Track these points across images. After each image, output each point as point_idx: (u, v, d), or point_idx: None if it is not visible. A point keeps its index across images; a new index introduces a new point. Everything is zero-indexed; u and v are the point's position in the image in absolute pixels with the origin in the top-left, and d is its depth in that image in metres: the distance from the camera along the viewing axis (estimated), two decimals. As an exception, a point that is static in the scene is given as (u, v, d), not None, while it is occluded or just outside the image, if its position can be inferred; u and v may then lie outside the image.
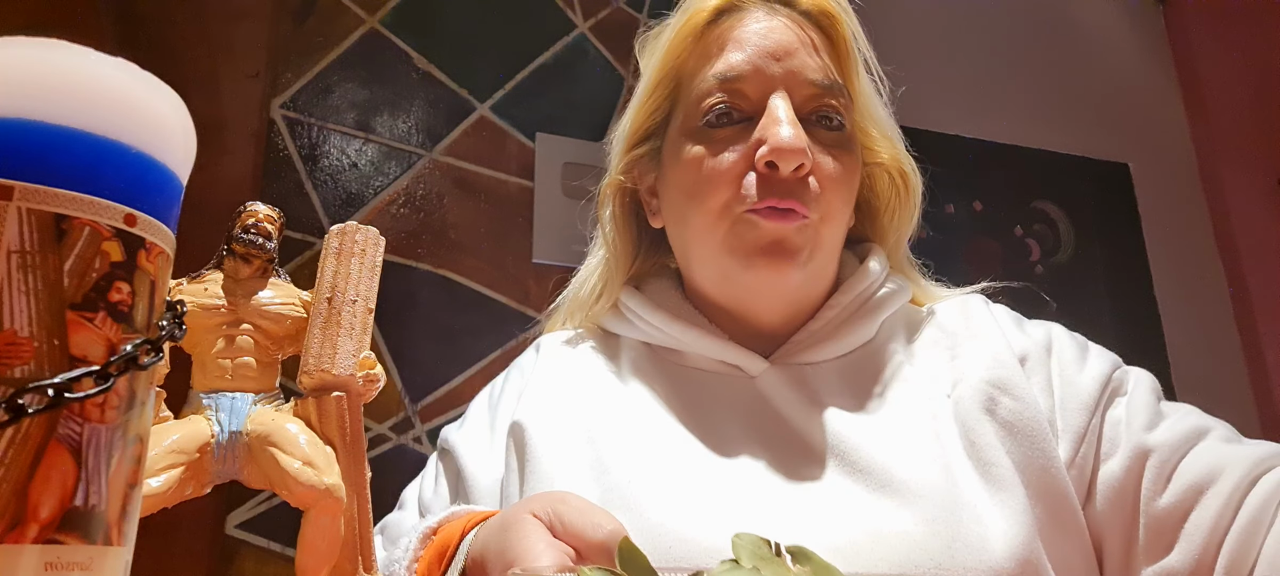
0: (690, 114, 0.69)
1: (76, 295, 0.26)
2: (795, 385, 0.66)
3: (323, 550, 0.38)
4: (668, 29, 0.73)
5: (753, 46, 0.67)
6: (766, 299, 0.68)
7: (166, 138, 0.29)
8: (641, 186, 0.76)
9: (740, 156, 0.65)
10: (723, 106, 0.66)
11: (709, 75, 0.67)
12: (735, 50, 0.67)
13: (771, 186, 0.63)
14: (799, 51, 0.67)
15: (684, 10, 0.72)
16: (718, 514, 0.58)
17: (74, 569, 0.25)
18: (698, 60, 0.70)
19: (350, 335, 0.41)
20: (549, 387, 0.71)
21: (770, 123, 0.64)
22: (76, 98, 0.26)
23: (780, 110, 0.64)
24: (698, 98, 0.68)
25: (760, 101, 0.66)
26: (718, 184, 0.65)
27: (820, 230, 0.65)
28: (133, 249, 0.27)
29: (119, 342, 0.27)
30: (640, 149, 0.74)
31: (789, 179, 0.63)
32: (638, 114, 0.74)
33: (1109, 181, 2.11)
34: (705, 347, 0.69)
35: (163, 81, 0.29)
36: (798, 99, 0.65)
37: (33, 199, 0.25)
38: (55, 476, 0.25)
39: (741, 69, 0.66)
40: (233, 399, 0.40)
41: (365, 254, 0.43)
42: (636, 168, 0.75)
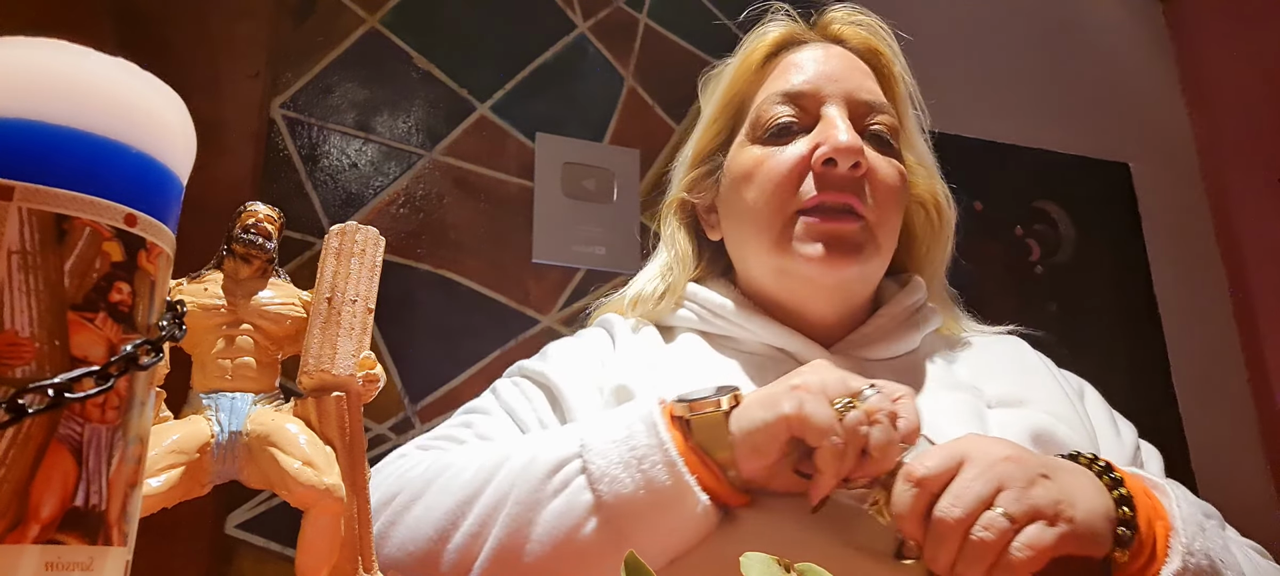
0: (753, 128, 0.75)
1: (77, 295, 0.26)
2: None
3: (323, 550, 0.38)
4: (730, 64, 0.81)
5: (811, 70, 0.74)
6: (820, 292, 0.73)
7: (166, 138, 0.29)
8: (701, 203, 0.82)
9: (799, 158, 0.71)
10: (786, 118, 0.72)
11: (771, 92, 0.74)
12: (796, 73, 0.75)
13: (828, 183, 0.69)
14: (854, 76, 0.74)
15: (746, 45, 0.80)
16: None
17: (74, 569, 0.25)
18: (757, 87, 0.77)
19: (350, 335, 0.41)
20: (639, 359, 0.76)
21: (827, 126, 0.70)
22: (76, 98, 0.26)
23: (837, 117, 0.70)
24: (760, 114, 0.74)
25: (818, 114, 0.72)
26: (777, 182, 0.71)
27: (877, 232, 0.71)
28: (133, 249, 0.27)
29: (119, 343, 0.27)
30: (701, 169, 0.81)
31: (845, 177, 0.69)
32: (701, 138, 0.82)
33: (1109, 181, 2.11)
34: (766, 334, 0.73)
35: (163, 81, 0.29)
36: (853, 115, 0.72)
37: (33, 199, 0.25)
38: (56, 476, 0.25)
39: (803, 87, 0.73)
40: (233, 399, 0.40)
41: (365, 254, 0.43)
42: (698, 186, 0.82)
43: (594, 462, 0.56)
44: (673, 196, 0.84)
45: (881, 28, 0.80)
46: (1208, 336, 2.05)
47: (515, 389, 0.77)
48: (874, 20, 0.80)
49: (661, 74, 1.73)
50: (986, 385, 0.71)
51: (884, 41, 0.79)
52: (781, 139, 0.72)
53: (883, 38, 0.79)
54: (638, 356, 0.76)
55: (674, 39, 1.76)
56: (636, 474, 0.55)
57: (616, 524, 0.55)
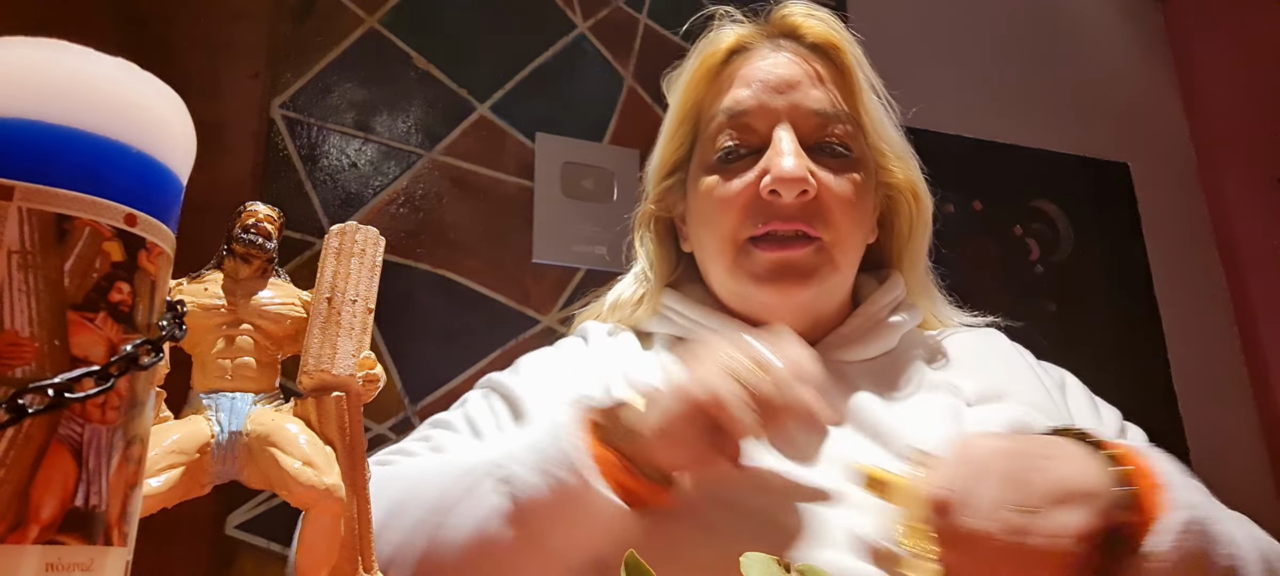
0: (705, 149, 0.75)
1: (77, 295, 0.26)
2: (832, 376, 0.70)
3: (322, 550, 0.38)
4: (685, 70, 0.80)
5: (758, 82, 0.73)
6: (779, 313, 0.72)
7: (167, 138, 0.29)
8: (673, 214, 0.82)
9: (746, 187, 0.70)
10: (731, 143, 0.72)
11: (720, 112, 0.74)
12: (742, 87, 0.73)
13: (775, 212, 0.69)
14: (802, 84, 0.73)
15: (698, 51, 0.79)
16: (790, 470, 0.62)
17: (75, 569, 0.25)
18: (712, 98, 0.76)
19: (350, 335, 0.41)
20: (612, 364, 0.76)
21: (774, 154, 0.69)
22: (77, 98, 0.26)
23: (784, 142, 0.69)
24: (711, 134, 0.74)
25: (767, 134, 0.71)
26: (726, 213, 0.71)
27: (832, 251, 0.70)
28: (133, 249, 0.27)
29: (119, 343, 0.27)
30: (669, 180, 0.81)
31: (793, 205, 0.69)
32: (665, 149, 0.81)
33: (1109, 181, 2.11)
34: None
35: (163, 81, 0.29)
36: (803, 130, 0.71)
37: (33, 199, 0.25)
38: (56, 477, 0.25)
39: (747, 104, 0.72)
40: (233, 399, 0.40)
41: (365, 254, 0.43)
42: (667, 197, 0.82)
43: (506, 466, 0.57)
44: (643, 208, 0.84)
45: (835, 20, 0.78)
46: (1208, 336, 2.05)
47: (483, 402, 0.77)
48: (826, 14, 0.78)
49: (661, 74, 1.73)
50: (964, 382, 0.71)
51: (838, 34, 0.76)
52: (730, 166, 0.72)
53: (836, 31, 0.77)
54: (612, 361, 0.76)
55: (674, 39, 1.76)
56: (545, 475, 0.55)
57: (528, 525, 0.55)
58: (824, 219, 0.70)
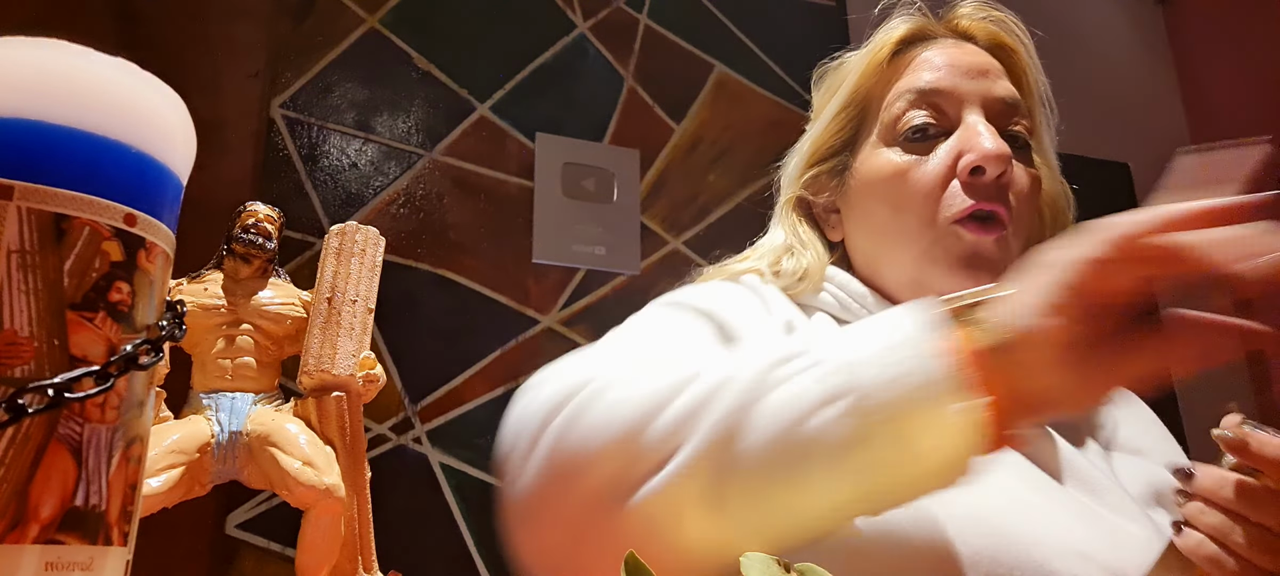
0: (886, 130, 0.72)
1: (76, 295, 0.26)
2: None
3: (323, 550, 0.38)
4: (854, 57, 0.78)
5: (947, 66, 0.71)
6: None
7: (166, 137, 0.29)
8: (819, 200, 0.79)
9: (945, 168, 0.68)
10: (922, 120, 0.70)
11: (905, 89, 0.71)
12: (929, 70, 0.72)
13: (976, 191, 0.67)
14: (991, 73, 0.72)
15: (872, 41, 0.76)
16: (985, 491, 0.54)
17: (74, 569, 0.25)
18: (885, 84, 0.74)
19: (350, 335, 0.41)
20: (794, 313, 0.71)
21: (971, 134, 0.67)
22: (76, 98, 0.26)
23: (980, 123, 0.68)
24: (895, 114, 0.72)
25: (956, 117, 0.70)
26: (923, 194, 0.68)
27: (1012, 243, 0.69)
28: (133, 249, 0.27)
29: (119, 342, 0.27)
30: (822, 166, 0.78)
31: (992, 184, 0.67)
32: (822, 134, 0.78)
33: (1109, 181, 2.11)
34: None
35: (163, 81, 0.29)
36: (990, 115, 0.69)
37: (33, 198, 0.25)
38: (55, 476, 0.25)
39: (939, 83, 0.70)
40: (233, 399, 0.40)
41: (365, 254, 0.43)
42: (816, 183, 0.78)
43: (844, 350, 0.46)
44: (790, 193, 0.79)
45: (1015, 23, 0.77)
46: (1208, 336, 2.05)
47: (673, 316, 0.67)
48: (1007, 15, 0.77)
49: (661, 74, 1.73)
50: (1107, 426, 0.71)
51: (1017, 38, 0.76)
52: (920, 144, 0.70)
53: (1015, 34, 0.76)
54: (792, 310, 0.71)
55: (674, 39, 1.76)
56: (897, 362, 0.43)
57: (864, 414, 0.43)
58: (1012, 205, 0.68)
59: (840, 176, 0.76)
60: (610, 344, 0.64)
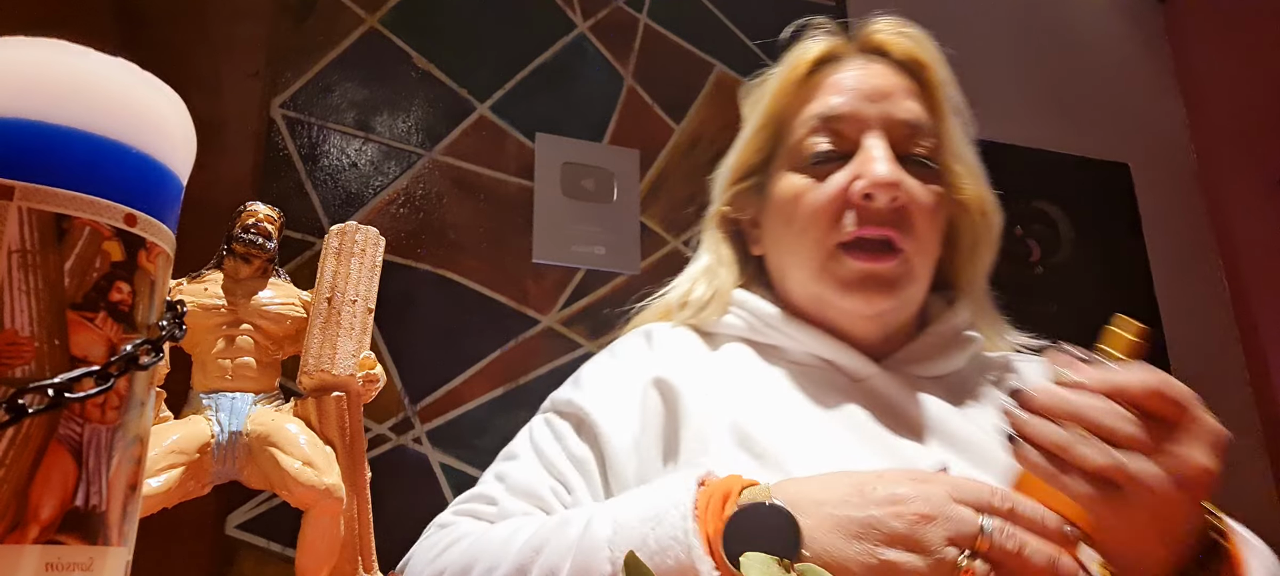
0: (793, 152, 0.75)
1: (77, 295, 0.26)
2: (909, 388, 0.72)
3: (323, 550, 0.38)
4: (772, 77, 0.80)
5: (851, 89, 0.74)
6: (857, 321, 0.73)
7: (167, 137, 0.29)
8: (743, 217, 0.82)
9: (838, 190, 0.71)
10: (824, 144, 0.73)
11: (811, 115, 0.74)
12: (835, 93, 0.74)
13: (866, 216, 0.69)
14: (894, 94, 0.74)
15: (788, 61, 0.79)
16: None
17: (74, 569, 0.25)
18: (799, 104, 0.77)
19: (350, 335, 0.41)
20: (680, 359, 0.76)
21: (866, 159, 0.70)
22: (77, 98, 0.26)
23: (876, 148, 0.70)
24: (800, 137, 0.75)
25: (857, 141, 0.72)
26: (817, 216, 0.71)
27: (913, 262, 0.71)
28: (133, 249, 0.27)
29: (119, 342, 0.27)
30: (743, 184, 0.81)
31: (883, 210, 0.69)
32: (742, 153, 0.81)
33: (1109, 181, 2.11)
34: (816, 345, 0.74)
35: (163, 81, 0.29)
36: (892, 138, 0.72)
37: (33, 198, 0.25)
38: (56, 477, 0.25)
39: (841, 109, 0.73)
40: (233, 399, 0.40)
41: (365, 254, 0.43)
42: (739, 200, 0.82)
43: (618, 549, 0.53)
44: (715, 210, 0.84)
45: (925, 39, 0.80)
46: (1208, 336, 2.05)
47: (547, 429, 0.76)
48: (917, 31, 0.80)
49: (661, 74, 1.73)
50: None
51: (927, 52, 0.79)
52: (821, 168, 0.73)
53: (926, 49, 0.79)
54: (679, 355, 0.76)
55: (674, 39, 1.76)
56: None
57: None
58: (909, 227, 0.70)
59: (759, 194, 0.80)
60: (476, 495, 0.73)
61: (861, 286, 0.70)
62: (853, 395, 0.71)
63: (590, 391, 0.76)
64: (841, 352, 0.73)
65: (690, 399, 0.70)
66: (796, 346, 0.75)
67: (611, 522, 0.54)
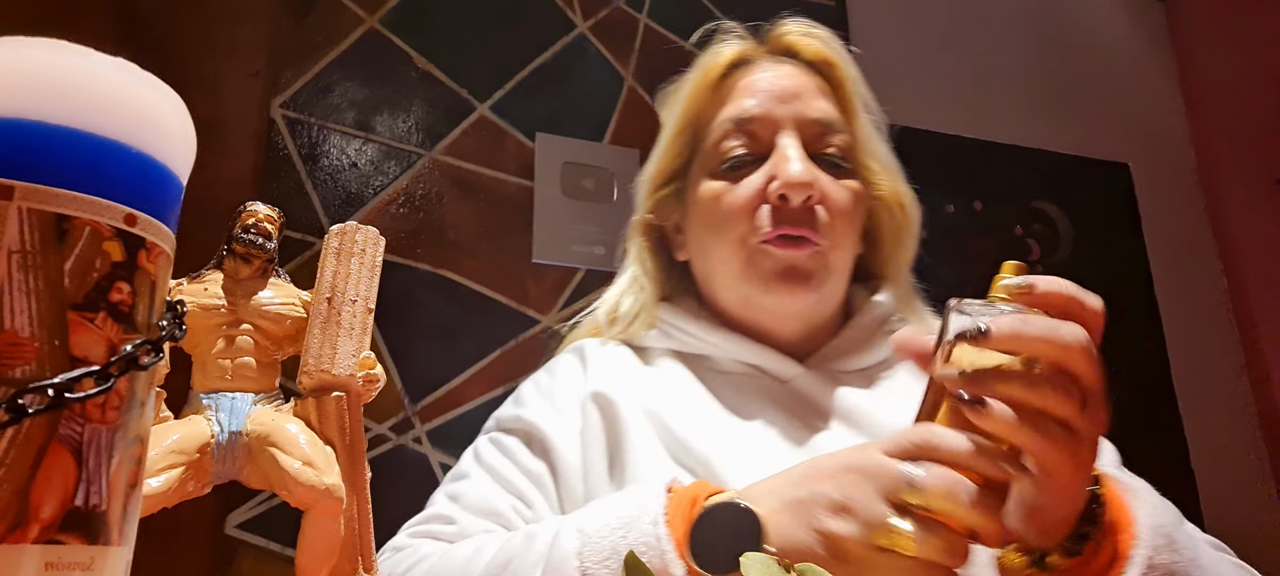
0: (709, 156, 0.77)
1: (77, 295, 0.26)
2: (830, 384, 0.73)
3: (323, 550, 0.38)
4: (686, 83, 0.82)
5: (763, 92, 0.75)
6: (783, 318, 0.75)
7: (167, 137, 0.29)
8: (667, 224, 0.83)
9: (755, 192, 0.72)
10: (738, 150, 0.74)
11: (725, 119, 0.76)
12: (747, 96, 0.76)
13: (783, 216, 0.71)
14: (805, 94, 0.75)
15: (700, 65, 0.81)
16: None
17: (75, 569, 0.25)
18: (713, 108, 0.78)
19: (350, 335, 0.41)
20: (614, 374, 0.77)
21: (780, 160, 0.72)
22: (77, 98, 0.26)
23: (789, 148, 0.72)
24: (715, 141, 0.76)
25: (771, 142, 0.73)
26: (736, 217, 0.72)
27: (830, 256, 0.73)
28: (133, 249, 0.27)
29: (119, 343, 0.27)
30: (664, 190, 0.82)
31: (799, 209, 0.71)
32: (661, 159, 0.82)
33: (1109, 181, 2.11)
34: (740, 352, 0.75)
35: (163, 81, 0.29)
36: (805, 137, 0.73)
37: (33, 199, 0.25)
38: (56, 477, 0.25)
39: (754, 112, 0.74)
40: (233, 399, 0.40)
41: (365, 254, 0.43)
42: (662, 207, 0.83)
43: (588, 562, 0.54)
44: (637, 218, 0.85)
45: (832, 39, 0.81)
46: (1208, 336, 2.05)
47: (494, 448, 0.76)
48: (824, 32, 0.81)
49: (661, 74, 1.73)
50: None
51: (835, 52, 0.80)
52: (737, 172, 0.74)
53: (833, 49, 0.80)
54: (613, 370, 0.77)
55: (674, 39, 1.76)
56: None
57: None
58: (825, 224, 0.72)
59: (680, 200, 0.81)
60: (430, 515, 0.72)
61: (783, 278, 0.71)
62: (778, 398, 0.73)
63: (535, 407, 0.77)
64: (765, 356, 0.74)
65: (627, 413, 0.70)
66: (722, 354, 0.76)
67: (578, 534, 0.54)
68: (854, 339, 0.76)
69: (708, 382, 0.75)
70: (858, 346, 0.76)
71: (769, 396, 0.73)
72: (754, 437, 0.69)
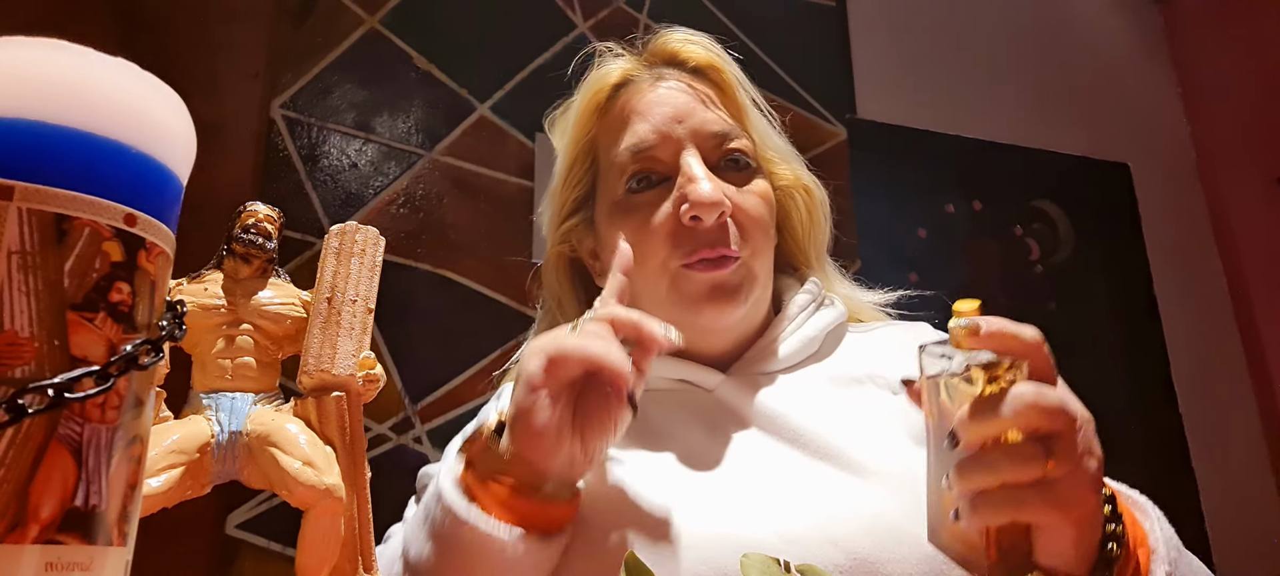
0: (612, 185, 0.75)
1: (77, 295, 0.26)
2: (750, 390, 0.72)
3: (323, 550, 0.38)
4: (572, 108, 0.81)
5: (656, 115, 0.74)
6: (714, 334, 0.74)
7: (166, 138, 0.29)
8: (582, 251, 0.82)
9: (666, 216, 0.71)
10: (641, 173, 0.73)
11: (623, 149, 0.74)
12: (640, 121, 0.74)
13: (699, 239, 0.70)
14: (696, 109, 0.74)
15: (584, 89, 0.80)
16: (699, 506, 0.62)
17: (74, 569, 0.25)
18: (607, 134, 0.77)
19: (350, 335, 0.41)
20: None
21: (686, 181, 0.70)
22: (77, 98, 0.26)
23: (694, 167, 0.71)
24: (617, 171, 0.75)
25: (674, 162, 0.72)
26: (652, 246, 0.71)
27: (752, 265, 0.72)
28: (133, 249, 0.27)
29: (119, 343, 0.27)
30: (572, 221, 0.81)
31: (713, 228, 0.70)
32: (562, 190, 0.81)
33: (1109, 181, 2.11)
34: (664, 369, 0.74)
35: (163, 82, 0.29)
36: (706, 150, 0.73)
37: (33, 199, 0.25)
38: (56, 477, 0.25)
39: (650, 139, 0.73)
40: (233, 399, 0.40)
41: (365, 254, 0.43)
42: (573, 236, 0.81)
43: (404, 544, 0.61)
44: (550, 250, 0.83)
45: (711, 42, 0.80)
46: (1208, 336, 2.05)
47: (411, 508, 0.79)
48: (702, 38, 0.81)
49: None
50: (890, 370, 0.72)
51: (717, 56, 0.79)
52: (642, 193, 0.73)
53: (715, 53, 0.79)
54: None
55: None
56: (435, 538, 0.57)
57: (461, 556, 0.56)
58: (742, 235, 0.71)
59: (590, 227, 0.80)
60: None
61: (710, 298, 0.70)
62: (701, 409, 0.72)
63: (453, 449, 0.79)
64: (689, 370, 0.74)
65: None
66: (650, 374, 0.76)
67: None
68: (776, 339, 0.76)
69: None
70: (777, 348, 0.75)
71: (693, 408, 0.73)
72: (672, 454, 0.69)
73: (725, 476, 0.66)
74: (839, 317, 0.78)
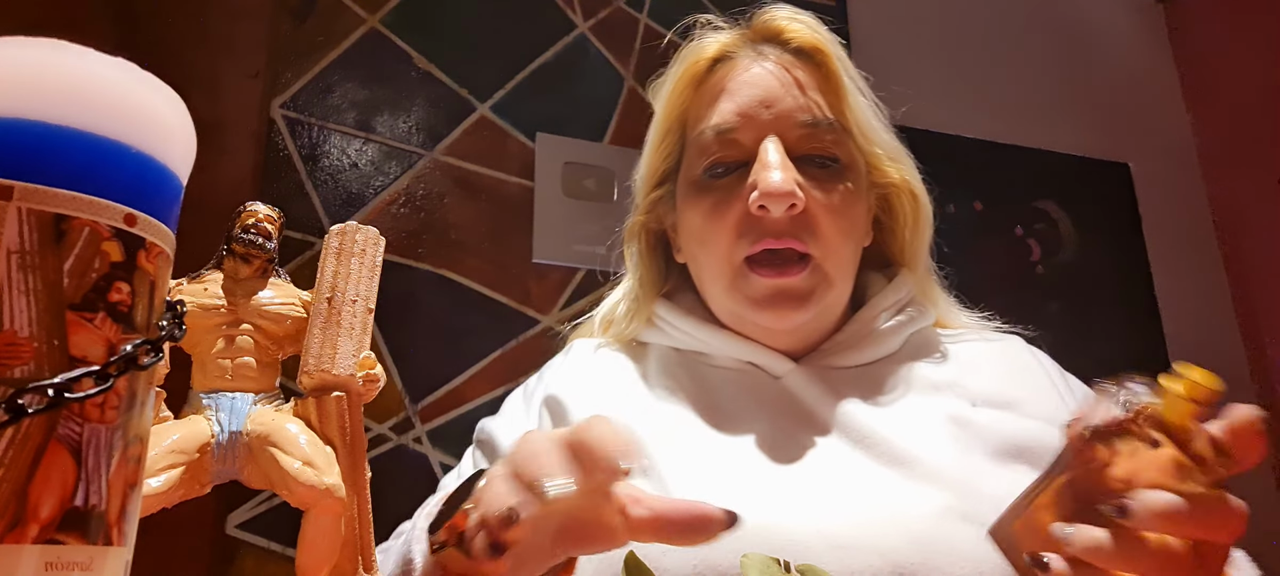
0: (692, 164, 0.74)
1: (76, 295, 0.26)
2: (820, 383, 0.70)
3: (323, 550, 0.38)
4: (670, 78, 0.78)
5: (744, 96, 0.71)
6: (775, 336, 0.72)
7: (166, 138, 0.29)
8: (665, 224, 0.81)
9: (739, 204, 0.69)
10: (721, 155, 0.71)
11: (707, 127, 0.72)
12: (728, 100, 0.72)
13: (766, 228, 0.67)
14: (788, 94, 0.71)
15: (682, 59, 0.78)
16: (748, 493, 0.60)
17: (74, 569, 0.25)
18: (697, 108, 0.75)
19: (350, 335, 0.41)
20: (582, 374, 0.76)
21: (761, 168, 0.67)
22: (76, 98, 0.26)
23: (771, 154, 0.67)
24: (698, 150, 0.73)
25: (753, 148, 0.69)
26: (719, 232, 0.69)
27: (824, 266, 0.69)
28: (132, 249, 0.27)
29: (119, 343, 0.27)
30: (658, 191, 0.80)
31: (783, 219, 0.67)
32: (652, 159, 0.80)
33: (1109, 181, 2.11)
34: (734, 350, 0.73)
35: (163, 81, 0.29)
36: (789, 140, 0.69)
37: (33, 199, 0.25)
38: (55, 476, 0.25)
39: (732, 121, 0.71)
40: (233, 399, 0.40)
41: (365, 254, 0.43)
42: (658, 208, 0.80)
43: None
44: (634, 220, 0.82)
45: (818, 24, 0.76)
46: (1208, 336, 2.05)
47: (469, 459, 0.78)
48: (809, 17, 0.76)
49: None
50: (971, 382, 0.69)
51: (822, 38, 0.75)
52: (720, 181, 0.71)
53: (820, 34, 0.75)
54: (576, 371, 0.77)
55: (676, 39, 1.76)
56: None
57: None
58: (813, 232, 0.68)
59: (674, 201, 0.78)
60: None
61: (773, 303, 0.68)
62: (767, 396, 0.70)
63: (504, 416, 0.78)
64: (759, 354, 0.72)
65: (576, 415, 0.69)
66: (718, 352, 0.74)
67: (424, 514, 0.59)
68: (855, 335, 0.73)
69: (702, 378, 0.73)
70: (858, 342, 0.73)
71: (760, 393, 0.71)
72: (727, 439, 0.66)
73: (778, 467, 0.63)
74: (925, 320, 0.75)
